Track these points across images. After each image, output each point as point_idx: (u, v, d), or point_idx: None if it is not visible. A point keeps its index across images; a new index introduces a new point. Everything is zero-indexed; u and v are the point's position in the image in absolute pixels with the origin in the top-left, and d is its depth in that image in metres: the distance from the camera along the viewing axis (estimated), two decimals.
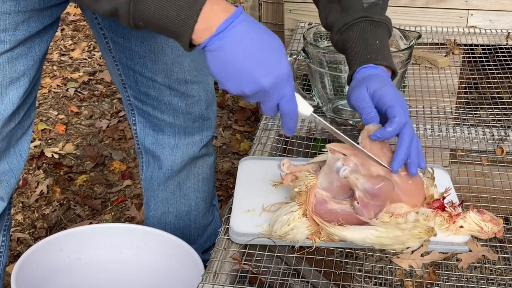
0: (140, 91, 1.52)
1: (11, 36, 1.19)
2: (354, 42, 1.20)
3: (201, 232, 1.78)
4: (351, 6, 1.22)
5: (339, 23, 1.23)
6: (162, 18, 0.92)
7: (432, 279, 1.04)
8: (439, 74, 1.78)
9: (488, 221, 1.08)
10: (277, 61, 0.96)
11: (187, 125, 1.57)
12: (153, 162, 1.64)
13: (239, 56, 0.94)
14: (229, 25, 0.93)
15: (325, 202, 1.04)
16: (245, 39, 0.94)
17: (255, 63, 0.95)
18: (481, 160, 1.42)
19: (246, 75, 0.95)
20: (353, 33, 1.20)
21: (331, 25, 1.26)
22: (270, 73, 0.96)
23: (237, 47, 0.94)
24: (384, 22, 1.23)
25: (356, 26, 1.21)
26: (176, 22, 0.92)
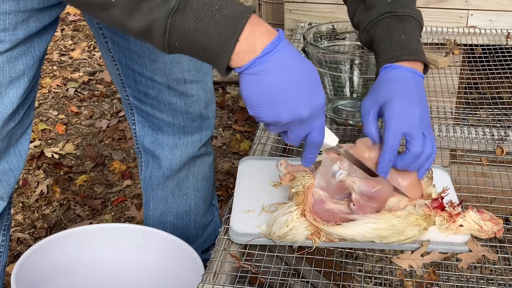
0: (139, 90, 1.52)
1: (10, 35, 1.19)
2: (380, 39, 1.16)
3: (201, 232, 1.78)
4: (375, 3, 1.19)
5: (364, 22, 1.20)
6: (201, 36, 0.86)
7: (432, 279, 1.04)
8: (439, 74, 1.78)
9: (487, 220, 1.08)
10: (316, 91, 0.94)
11: (186, 125, 1.57)
12: (152, 161, 1.64)
13: (283, 81, 0.90)
14: (274, 48, 0.89)
15: (322, 201, 1.04)
16: (289, 64, 0.90)
17: (297, 91, 0.91)
18: (481, 160, 1.42)
19: (287, 102, 0.91)
20: (378, 30, 1.17)
21: (357, 25, 1.24)
22: (310, 102, 0.92)
23: (281, 72, 0.89)
24: (410, 15, 1.19)
25: (381, 22, 1.17)
26: (216, 40, 0.86)
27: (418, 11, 1.21)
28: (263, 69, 0.89)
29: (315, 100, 0.93)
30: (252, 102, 0.91)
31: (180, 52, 0.90)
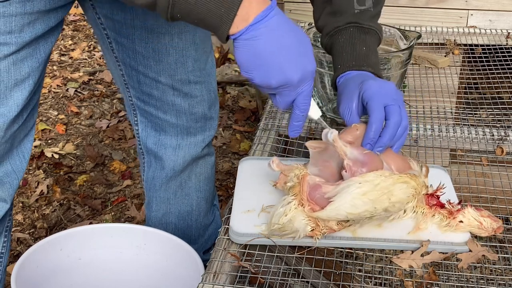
0: (143, 91, 1.52)
1: (17, 38, 1.19)
2: (342, 46, 1.21)
3: (202, 232, 1.78)
4: (342, 11, 1.23)
5: (329, 26, 1.24)
6: (202, 11, 0.93)
7: (432, 279, 1.04)
8: (439, 74, 1.78)
9: (486, 217, 1.09)
10: (306, 57, 0.99)
11: (189, 125, 1.57)
12: (155, 162, 1.64)
13: (273, 47, 0.96)
14: (265, 16, 0.95)
15: (318, 187, 1.05)
16: (279, 31, 0.96)
17: (288, 56, 0.97)
18: (481, 160, 1.42)
19: (277, 67, 0.97)
20: (341, 38, 1.21)
21: (321, 27, 1.28)
22: (300, 67, 0.98)
23: (272, 38, 0.96)
24: (373, 29, 1.24)
25: (345, 31, 1.22)
26: (216, 15, 0.93)
27: (380, 27, 1.26)
28: (255, 36, 0.95)
29: (304, 65, 0.99)
30: (245, 66, 0.98)
31: (183, 21, 0.97)
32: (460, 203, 1.12)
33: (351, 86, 1.14)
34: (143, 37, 1.41)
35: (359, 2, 1.22)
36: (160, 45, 1.43)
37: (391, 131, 1.08)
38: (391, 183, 1.03)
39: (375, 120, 1.08)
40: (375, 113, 1.08)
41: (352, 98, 1.12)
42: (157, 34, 1.41)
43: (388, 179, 1.03)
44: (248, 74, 0.99)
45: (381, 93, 1.09)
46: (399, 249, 1.07)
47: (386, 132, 1.08)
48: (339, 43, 1.21)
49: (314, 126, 1.48)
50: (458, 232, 1.08)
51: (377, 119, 1.08)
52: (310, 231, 1.04)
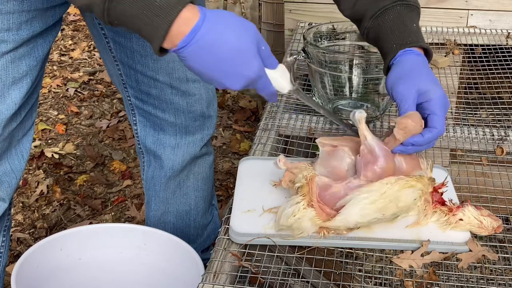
0: (141, 90, 1.52)
1: (14, 35, 1.19)
2: (393, 25, 1.19)
3: (201, 232, 1.78)
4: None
5: (372, 9, 1.22)
6: (136, 22, 0.93)
7: (432, 279, 1.04)
8: (439, 74, 1.78)
9: (486, 216, 1.09)
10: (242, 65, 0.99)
11: (188, 124, 1.57)
12: (154, 162, 1.64)
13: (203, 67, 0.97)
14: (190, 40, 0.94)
15: (328, 187, 1.05)
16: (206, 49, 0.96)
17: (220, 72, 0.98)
18: (481, 160, 1.42)
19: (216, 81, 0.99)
20: (390, 17, 1.20)
21: (361, 13, 1.24)
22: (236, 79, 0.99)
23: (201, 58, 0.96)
24: (416, 5, 1.23)
25: (393, 9, 1.20)
26: (149, 28, 0.93)
27: (418, 3, 1.25)
28: (184, 57, 0.96)
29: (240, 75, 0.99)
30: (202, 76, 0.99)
31: (120, 28, 0.98)
32: (462, 203, 1.12)
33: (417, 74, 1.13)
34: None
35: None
36: None
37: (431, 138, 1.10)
38: (398, 189, 1.04)
39: (435, 134, 1.09)
40: (438, 126, 1.09)
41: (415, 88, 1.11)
42: None
43: (394, 185, 1.04)
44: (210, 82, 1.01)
45: (445, 106, 1.11)
46: (399, 249, 1.07)
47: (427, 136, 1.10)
48: (388, 22, 1.20)
49: (314, 126, 1.48)
50: (458, 230, 1.08)
51: (437, 134, 1.09)
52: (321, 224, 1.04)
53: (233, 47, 0.97)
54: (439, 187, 1.12)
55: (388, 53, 1.19)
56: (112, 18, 0.94)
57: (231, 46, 0.97)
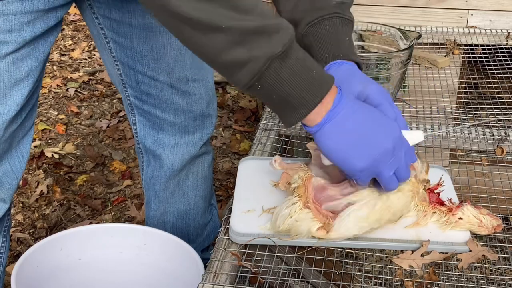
0: (141, 90, 1.52)
1: (16, 37, 1.19)
2: (327, 36, 1.18)
3: (200, 231, 1.78)
4: (322, 1, 1.21)
5: (310, 16, 1.20)
6: (288, 88, 0.92)
7: (432, 279, 1.04)
8: (439, 74, 1.78)
9: (486, 215, 1.09)
10: (390, 123, 0.99)
11: (187, 124, 1.57)
12: (153, 161, 1.64)
13: (359, 122, 0.96)
14: (340, 99, 0.96)
15: (324, 189, 1.05)
16: (357, 108, 0.97)
17: (377, 127, 0.97)
18: (481, 160, 1.42)
19: (371, 140, 0.96)
20: (325, 28, 1.19)
21: (299, 18, 1.22)
22: (390, 135, 0.97)
23: (355, 115, 0.96)
24: (351, 20, 1.23)
25: (328, 21, 1.19)
26: (301, 96, 0.92)
27: (353, 17, 1.25)
28: (340, 119, 0.95)
29: (393, 131, 0.98)
30: (341, 152, 0.96)
31: (254, 93, 0.93)
32: (461, 203, 1.12)
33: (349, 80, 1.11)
34: (142, 35, 1.42)
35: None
36: (158, 44, 1.43)
37: None
38: (386, 198, 1.04)
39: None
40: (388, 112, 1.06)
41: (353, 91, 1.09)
42: (155, 32, 1.41)
43: (382, 195, 1.04)
44: (347, 161, 0.98)
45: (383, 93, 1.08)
46: (399, 249, 1.07)
47: None
48: (322, 32, 1.19)
49: None
50: (458, 229, 1.08)
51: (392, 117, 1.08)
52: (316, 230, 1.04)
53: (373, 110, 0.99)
54: (435, 188, 1.11)
55: (319, 62, 1.18)
56: (263, 80, 0.90)
57: (371, 108, 0.99)
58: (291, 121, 0.95)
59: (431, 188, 1.11)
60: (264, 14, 0.90)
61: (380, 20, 1.70)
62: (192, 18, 0.86)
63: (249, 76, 0.90)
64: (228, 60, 0.89)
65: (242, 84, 0.91)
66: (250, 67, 0.89)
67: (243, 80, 0.90)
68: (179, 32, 0.91)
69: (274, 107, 0.97)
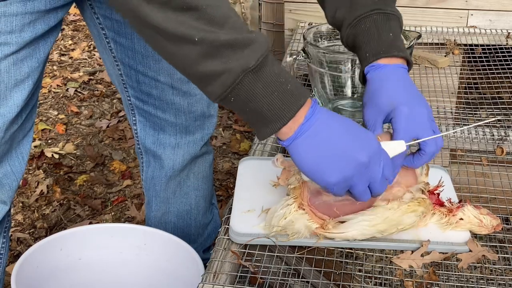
0: (142, 91, 1.52)
1: (17, 38, 1.19)
2: (367, 34, 1.15)
3: (201, 231, 1.78)
4: (361, 0, 1.18)
5: (350, 17, 1.18)
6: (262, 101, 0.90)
7: (432, 279, 1.04)
8: (439, 74, 1.78)
9: (486, 214, 1.09)
10: (366, 136, 0.96)
11: (188, 124, 1.57)
12: (153, 162, 1.64)
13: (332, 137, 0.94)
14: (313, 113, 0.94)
15: (319, 194, 1.05)
16: (331, 121, 0.95)
17: (350, 140, 0.94)
18: (481, 160, 1.42)
19: (343, 155, 0.93)
20: (365, 26, 1.16)
21: (340, 21, 1.21)
22: (365, 148, 0.95)
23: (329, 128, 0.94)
24: (395, 14, 1.19)
25: (368, 18, 1.16)
26: (274, 110, 0.91)
27: (399, 12, 1.21)
28: (312, 133, 0.93)
29: (369, 144, 0.95)
30: (312, 166, 0.95)
31: (228, 105, 0.92)
32: (460, 202, 1.12)
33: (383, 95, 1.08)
34: None
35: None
36: None
37: (422, 162, 1.06)
38: (400, 214, 1.03)
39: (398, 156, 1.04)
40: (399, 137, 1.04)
41: (381, 111, 1.07)
42: None
43: (397, 211, 1.03)
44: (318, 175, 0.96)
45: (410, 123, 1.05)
46: (399, 249, 1.07)
47: (417, 162, 1.06)
48: (363, 31, 1.16)
49: None
50: (458, 229, 1.08)
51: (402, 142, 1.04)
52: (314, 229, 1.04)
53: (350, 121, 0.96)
54: (435, 189, 1.11)
55: (361, 62, 1.16)
56: (235, 92, 0.89)
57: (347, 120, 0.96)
58: (264, 134, 0.94)
59: (431, 190, 1.11)
60: (237, 27, 0.89)
61: None
62: (164, 29, 0.86)
63: (222, 88, 0.89)
64: (201, 72, 0.89)
65: (215, 96, 0.91)
66: (224, 79, 0.88)
67: (216, 91, 0.90)
68: (153, 41, 0.90)
69: (248, 119, 0.95)
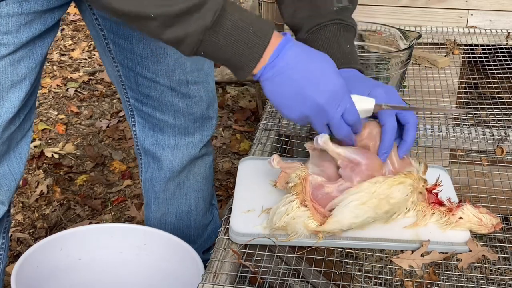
0: (141, 92, 1.52)
1: (13, 38, 1.19)
2: (327, 43, 1.20)
3: (201, 232, 1.78)
4: (321, 7, 1.22)
5: (310, 23, 1.22)
6: (228, 51, 0.96)
7: (432, 279, 1.04)
8: (439, 74, 1.78)
9: (485, 213, 1.09)
10: (329, 78, 1.00)
11: (187, 126, 1.57)
12: (152, 163, 1.64)
13: (293, 77, 0.99)
14: (280, 52, 0.98)
15: (321, 186, 1.05)
16: (295, 63, 0.99)
17: (308, 82, 0.99)
18: (481, 160, 1.42)
19: (301, 95, 0.99)
20: (325, 35, 1.21)
21: (299, 24, 1.25)
22: (324, 89, 0.99)
23: (290, 69, 0.99)
24: (353, 26, 1.24)
25: (329, 27, 1.21)
26: (241, 57, 0.96)
27: (356, 23, 1.26)
28: (274, 73, 0.98)
29: (329, 86, 0.99)
30: (276, 104, 1.01)
31: (203, 56, 0.99)
32: (460, 202, 1.12)
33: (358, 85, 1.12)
34: (141, 38, 1.41)
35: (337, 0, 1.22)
36: (158, 46, 1.43)
37: (413, 133, 1.10)
38: (387, 186, 1.04)
39: (389, 129, 1.08)
40: (389, 122, 1.08)
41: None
42: None
43: (383, 184, 1.04)
44: (283, 113, 1.02)
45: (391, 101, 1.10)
46: (399, 249, 1.07)
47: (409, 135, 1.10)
48: (323, 39, 1.20)
49: None
50: (458, 229, 1.08)
51: (391, 128, 1.08)
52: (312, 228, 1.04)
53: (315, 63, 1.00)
54: (433, 188, 1.11)
55: None
56: (202, 49, 0.96)
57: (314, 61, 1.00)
58: (239, 77, 1.00)
59: (429, 188, 1.11)
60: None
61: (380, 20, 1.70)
62: (123, 11, 0.93)
63: (189, 48, 0.95)
64: (166, 39, 0.95)
65: (186, 55, 0.97)
66: (188, 42, 0.94)
67: (186, 51, 0.96)
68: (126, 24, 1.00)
69: (224, 66, 1.01)
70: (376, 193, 1.03)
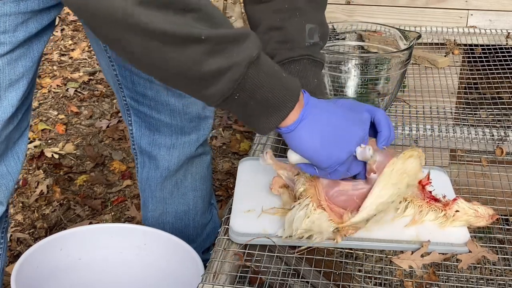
0: (137, 91, 1.52)
1: (11, 37, 1.19)
2: (296, 76, 1.21)
3: (200, 231, 1.78)
4: (294, 41, 1.22)
5: (282, 55, 1.22)
6: (268, 90, 0.92)
7: (432, 279, 1.05)
8: (439, 74, 1.78)
9: (479, 205, 1.10)
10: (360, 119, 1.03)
11: (184, 125, 1.57)
12: (148, 162, 1.64)
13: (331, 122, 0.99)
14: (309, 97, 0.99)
15: (335, 184, 1.06)
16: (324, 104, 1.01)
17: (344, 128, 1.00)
18: (481, 160, 1.42)
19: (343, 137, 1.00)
20: (295, 68, 1.22)
21: (270, 53, 1.24)
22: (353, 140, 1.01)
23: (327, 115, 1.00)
24: (322, 62, 1.26)
25: (300, 62, 1.22)
26: (280, 96, 0.93)
27: (324, 57, 1.28)
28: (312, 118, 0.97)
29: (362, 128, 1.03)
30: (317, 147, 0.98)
31: (227, 105, 0.92)
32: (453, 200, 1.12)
33: None
34: None
35: (309, 36, 1.23)
36: None
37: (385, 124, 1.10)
38: (402, 162, 1.06)
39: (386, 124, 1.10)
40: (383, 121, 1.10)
41: None
42: None
43: (397, 163, 1.06)
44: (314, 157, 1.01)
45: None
46: (399, 250, 1.07)
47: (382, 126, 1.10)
48: (293, 72, 1.22)
49: None
50: (457, 224, 1.09)
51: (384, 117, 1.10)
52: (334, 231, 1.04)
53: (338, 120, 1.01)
54: (426, 183, 1.12)
55: None
56: (241, 87, 0.89)
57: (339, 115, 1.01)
58: (270, 125, 0.95)
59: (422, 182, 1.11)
60: (231, 25, 0.91)
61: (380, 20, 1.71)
62: (165, 31, 0.82)
63: (229, 84, 0.88)
64: (205, 71, 0.86)
65: (219, 95, 0.89)
66: (231, 75, 0.87)
67: (223, 89, 0.88)
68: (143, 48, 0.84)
69: (250, 115, 0.95)
70: (394, 170, 1.05)
